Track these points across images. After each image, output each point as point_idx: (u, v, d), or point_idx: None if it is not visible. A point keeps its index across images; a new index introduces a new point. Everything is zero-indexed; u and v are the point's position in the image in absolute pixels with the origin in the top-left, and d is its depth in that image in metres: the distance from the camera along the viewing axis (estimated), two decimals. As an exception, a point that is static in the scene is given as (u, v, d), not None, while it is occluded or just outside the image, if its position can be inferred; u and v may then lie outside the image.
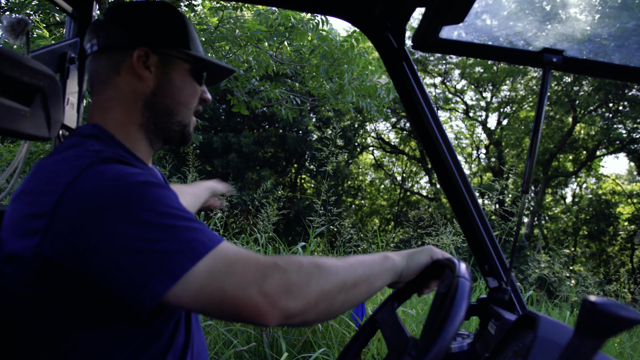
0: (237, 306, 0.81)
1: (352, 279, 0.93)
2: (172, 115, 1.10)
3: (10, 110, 1.09)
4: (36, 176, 0.91)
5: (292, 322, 0.85)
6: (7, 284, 0.89)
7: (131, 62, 1.04)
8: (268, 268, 0.84)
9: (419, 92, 1.45)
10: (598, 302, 0.57)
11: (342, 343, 3.35)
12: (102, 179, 0.84)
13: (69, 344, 0.89)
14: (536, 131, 1.32)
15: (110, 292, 0.83)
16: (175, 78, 1.09)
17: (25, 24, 1.24)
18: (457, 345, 1.36)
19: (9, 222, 0.91)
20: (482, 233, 1.47)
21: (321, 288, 0.87)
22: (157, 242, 0.80)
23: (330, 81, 6.03)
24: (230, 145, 15.89)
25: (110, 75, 1.06)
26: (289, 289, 0.83)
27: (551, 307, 5.49)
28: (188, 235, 0.82)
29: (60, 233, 0.82)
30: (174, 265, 0.79)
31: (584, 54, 1.39)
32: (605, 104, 18.44)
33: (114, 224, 0.80)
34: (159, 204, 0.84)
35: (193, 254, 0.81)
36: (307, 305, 0.84)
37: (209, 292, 0.81)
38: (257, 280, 0.82)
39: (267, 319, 0.81)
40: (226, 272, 0.82)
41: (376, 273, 1.00)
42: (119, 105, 1.06)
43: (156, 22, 1.08)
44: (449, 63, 21.61)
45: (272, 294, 0.81)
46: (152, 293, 0.79)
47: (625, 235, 18.89)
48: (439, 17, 1.21)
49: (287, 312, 0.82)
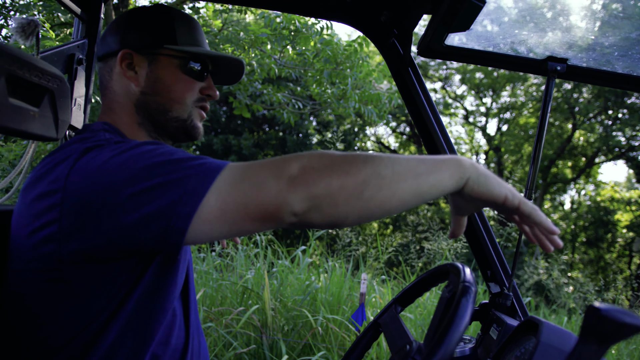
0: (262, 204, 0.78)
1: (390, 166, 0.82)
2: (165, 112, 1.12)
3: (19, 111, 1.10)
4: (45, 165, 0.93)
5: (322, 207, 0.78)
6: (26, 268, 0.91)
7: (120, 66, 1.10)
8: (285, 159, 0.81)
9: (424, 98, 1.46)
10: (602, 308, 0.58)
11: (341, 347, 3.35)
12: (110, 150, 0.87)
13: (80, 323, 0.91)
14: (539, 138, 1.33)
15: (142, 242, 0.82)
16: (164, 75, 1.11)
17: (36, 25, 1.26)
18: (459, 349, 1.37)
19: (22, 208, 0.93)
20: (485, 239, 1.48)
21: (345, 170, 0.79)
22: (173, 173, 0.81)
23: (333, 86, 6.04)
24: (231, 147, 15.90)
25: (107, 80, 1.14)
26: (307, 171, 0.78)
27: (548, 313, 5.49)
28: (197, 162, 0.83)
29: (77, 201, 0.84)
30: (194, 186, 0.79)
31: (588, 63, 1.40)
32: (604, 111, 18.48)
33: (127, 173, 0.82)
34: (161, 150, 0.86)
35: (209, 173, 0.81)
36: (328, 185, 0.78)
37: (233, 202, 0.79)
38: (274, 171, 0.79)
39: (292, 204, 0.77)
40: (243, 177, 0.80)
41: (429, 166, 0.84)
42: (118, 107, 1.12)
43: (140, 24, 1.12)
44: (450, 68, 21.63)
45: (290, 177, 0.78)
46: (184, 215, 0.79)
47: (623, 242, 18.89)
48: (445, 24, 1.23)
49: (308, 192, 0.77)
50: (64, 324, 0.91)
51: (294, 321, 3.62)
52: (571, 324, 4.80)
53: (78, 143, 0.95)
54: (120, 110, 1.12)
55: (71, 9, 1.51)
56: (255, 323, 3.40)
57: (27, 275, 0.91)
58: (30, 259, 0.90)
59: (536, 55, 1.42)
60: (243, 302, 3.80)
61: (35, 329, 0.92)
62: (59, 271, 0.87)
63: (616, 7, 1.29)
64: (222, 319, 3.47)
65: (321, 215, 0.79)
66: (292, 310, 3.68)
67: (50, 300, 0.90)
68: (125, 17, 1.14)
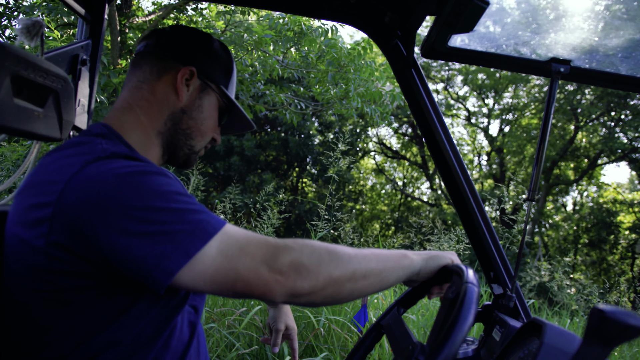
0: (250, 286, 0.84)
1: (364, 270, 0.94)
2: (188, 137, 1.16)
3: (24, 111, 1.10)
4: (41, 169, 0.93)
5: (299, 302, 0.88)
6: (18, 275, 0.90)
7: (175, 75, 1.11)
8: (279, 248, 0.87)
9: (427, 99, 1.46)
10: (607, 310, 0.58)
11: (344, 348, 3.35)
12: (109, 170, 0.86)
13: (79, 334, 0.90)
14: (543, 140, 1.33)
15: (126, 274, 0.85)
16: (206, 106, 1.16)
17: (40, 26, 1.26)
18: (462, 351, 1.36)
19: (15, 214, 0.92)
20: (488, 240, 1.48)
21: (330, 273, 0.89)
22: (167, 224, 0.82)
23: (336, 86, 6.05)
24: (233, 148, 15.91)
25: (152, 77, 1.12)
26: (298, 269, 0.86)
27: (551, 314, 5.48)
28: (196, 218, 0.85)
29: (67, 220, 0.83)
30: (186, 245, 0.82)
31: (591, 64, 1.40)
32: (607, 113, 18.44)
33: (124, 209, 0.82)
34: (165, 190, 0.86)
35: (203, 234, 0.84)
36: (314, 287, 0.87)
37: (225, 274, 0.84)
38: (268, 259, 0.85)
39: (275, 294, 0.85)
40: (238, 254, 0.85)
41: (390, 268, 1.00)
42: (148, 106, 1.11)
43: (211, 54, 1.18)
44: (452, 69, 21.62)
45: (282, 271, 0.85)
46: (167, 271, 0.81)
47: (626, 244, 18.84)
48: (448, 25, 1.23)
49: (294, 290, 0.86)
50: (62, 333, 0.91)
51: (296, 322, 3.61)
52: (574, 326, 4.78)
53: (75, 148, 0.94)
54: (146, 111, 1.10)
55: (75, 10, 1.52)
56: (257, 324, 3.40)
57: (20, 283, 0.91)
58: (22, 267, 0.90)
59: (539, 56, 1.42)
60: (245, 303, 3.80)
61: (33, 336, 0.91)
62: (50, 282, 0.87)
63: (620, 9, 1.29)
64: (225, 319, 3.47)
65: (298, 304, 0.90)
66: (294, 311, 3.67)
67: (44, 309, 0.90)
68: (198, 36, 1.18)
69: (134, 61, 1.16)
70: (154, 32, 1.17)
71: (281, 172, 19.12)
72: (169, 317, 1.01)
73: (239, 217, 5.87)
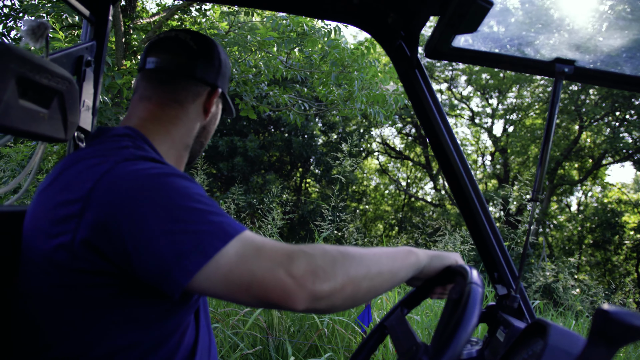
0: (266, 289, 0.82)
1: (376, 268, 0.93)
2: (203, 144, 1.26)
3: (29, 113, 1.11)
4: (69, 168, 0.95)
5: (320, 306, 0.85)
6: (38, 270, 0.91)
7: (207, 97, 1.20)
8: (294, 252, 0.85)
9: (430, 100, 1.46)
10: (611, 311, 0.58)
11: (347, 348, 3.35)
12: (137, 170, 0.89)
13: (94, 333, 0.91)
14: (547, 140, 1.33)
15: (143, 275, 0.84)
16: (217, 115, 1.27)
17: (46, 27, 1.26)
18: (466, 352, 1.36)
19: (40, 210, 0.94)
20: (492, 240, 1.47)
21: (347, 272, 0.87)
22: (190, 224, 0.82)
23: (339, 87, 6.05)
24: (236, 149, 15.93)
25: (186, 100, 1.17)
26: (316, 271, 0.84)
27: (556, 315, 5.46)
28: (217, 219, 0.85)
29: (95, 218, 0.85)
30: (206, 244, 0.81)
31: (596, 64, 1.40)
32: (612, 113, 18.38)
33: (148, 207, 0.83)
34: (188, 191, 0.88)
35: (223, 235, 0.83)
36: (333, 288, 0.85)
37: (239, 275, 0.82)
38: (284, 263, 0.83)
39: (296, 301, 0.82)
40: (255, 256, 0.83)
41: (399, 265, 1.00)
42: (181, 126, 1.17)
43: (224, 66, 1.24)
44: (455, 69, 21.60)
45: (300, 275, 0.82)
46: (185, 271, 0.80)
47: (630, 244, 18.76)
48: (452, 26, 1.22)
49: (315, 294, 0.83)
50: (77, 331, 0.91)
51: (300, 322, 3.62)
52: (578, 327, 4.77)
53: (105, 150, 0.97)
54: (179, 130, 1.16)
55: (80, 11, 1.52)
56: (261, 324, 3.40)
57: (39, 278, 0.92)
58: (44, 263, 0.90)
59: (543, 56, 1.42)
60: (249, 303, 3.79)
61: (47, 332, 0.92)
62: (71, 279, 0.88)
63: (624, 9, 1.29)
64: (229, 320, 3.47)
65: (316, 311, 0.87)
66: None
67: (61, 306, 0.91)
68: (215, 49, 1.22)
69: (159, 78, 1.16)
70: (177, 44, 1.17)
71: (284, 173, 19.13)
72: (183, 317, 1.03)
73: (243, 218, 5.88)
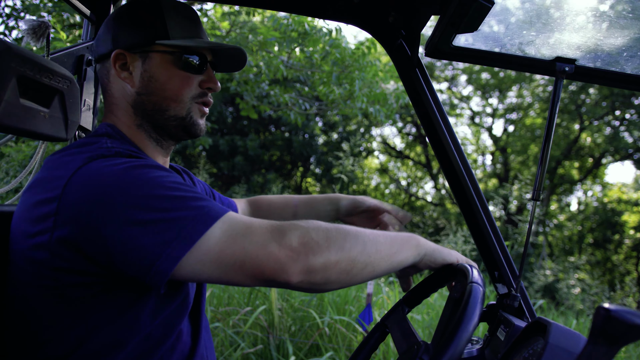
0: (259, 265, 0.80)
1: (373, 245, 0.91)
2: (162, 112, 1.09)
3: (30, 112, 1.11)
4: (47, 167, 0.94)
5: (314, 280, 0.83)
6: (22, 271, 0.91)
7: (114, 68, 1.07)
8: (286, 226, 0.84)
9: (431, 99, 1.46)
10: (612, 309, 0.58)
11: (348, 347, 3.35)
12: (110, 165, 0.87)
13: (81, 332, 0.90)
14: (547, 139, 1.33)
15: (126, 270, 0.83)
16: (157, 73, 1.07)
17: (47, 27, 1.27)
18: (467, 350, 1.36)
19: (21, 211, 0.93)
20: (492, 239, 1.47)
21: (341, 246, 0.86)
22: (169, 212, 0.81)
23: (340, 87, 6.05)
24: (237, 148, 15.91)
25: (105, 83, 1.12)
26: (309, 243, 0.83)
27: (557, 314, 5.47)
28: (198, 204, 0.84)
29: (71, 215, 0.84)
30: (189, 230, 0.80)
31: (596, 64, 1.40)
32: (612, 112, 18.36)
33: (126, 199, 0.81)
34: (165, 180, 0.86)
35: (206, 218, 0.82)
36: (327, 260, 0.83)
37: (231, 254, 0.81)
38: (276, 236, 0.82)
39: (290, 274, 0.80)
40: (245, 233, 0.82)
41: (398, 246, 0.97)
42: (117, 110, 1.10)
43: (129, 21, 1.07)
44: (456, 69, 21.57)
45: (293, 247, 0.81)
46: (170, 259, 0.79)
47: (630, 243, 18.75)
48: (453, 25, 1.22)
49: (309, 266, 0.81)
50: (64, 330, 0.91)
51: (301, 321, 3.62)
52: (579, 326, 4.77)
53: (80, 148, 0.95)
54: (119, 113, 1.10)
55: (80, 11, 1.53)
56: (262, 323, 3.40)
57: (24, 279, 0.91)
58: (26, 263, 0.90)
59: (544, 56, 1.42)
60: (250, 303, 3.80)
61: (36, 332, 0.92)
62: (53, 278, 0.88)
63: (625, 8, 1.29)
64: (230, 319, 3.47)
65: (311, 286, 0.84)
66: (299, 311, 3.68)
67: (47, 306, 0.90)
68: (115, 15, 1.09)
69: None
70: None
71: (285, 172, 19.12)
72: (174, 319, 1.01)
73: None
